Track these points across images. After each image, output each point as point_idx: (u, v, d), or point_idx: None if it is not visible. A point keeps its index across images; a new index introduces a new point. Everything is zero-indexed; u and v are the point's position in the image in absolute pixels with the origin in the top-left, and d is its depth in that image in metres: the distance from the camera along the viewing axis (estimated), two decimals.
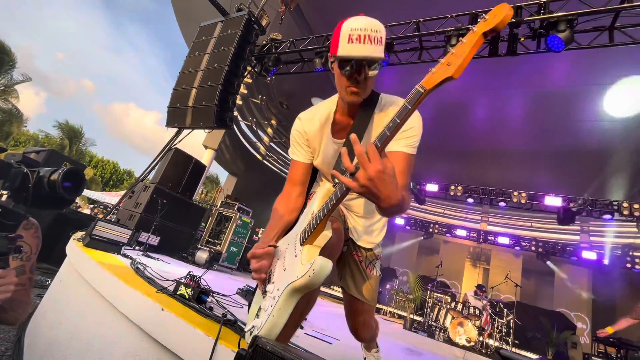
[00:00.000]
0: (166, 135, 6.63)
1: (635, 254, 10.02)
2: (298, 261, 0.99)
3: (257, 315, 1.07)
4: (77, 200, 21.62)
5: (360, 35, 1.03)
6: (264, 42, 6.57)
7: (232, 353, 1.26)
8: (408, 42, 5.21)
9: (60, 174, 2.57)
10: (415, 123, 1.15)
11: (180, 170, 5.83)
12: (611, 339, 7.34)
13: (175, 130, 6.54)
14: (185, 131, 6.45)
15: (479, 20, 0.75)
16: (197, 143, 10.48)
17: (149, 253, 4.13)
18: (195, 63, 6.13)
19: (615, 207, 8.56)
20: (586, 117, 8.07)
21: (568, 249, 11.08)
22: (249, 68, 6.47)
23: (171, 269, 3.58)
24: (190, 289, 1.98)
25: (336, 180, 0.85)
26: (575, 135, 8.72)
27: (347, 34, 1.05)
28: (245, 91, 10.90)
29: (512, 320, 7.00)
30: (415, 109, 0.79)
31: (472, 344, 6.04)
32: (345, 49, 1.05)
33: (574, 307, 10.90)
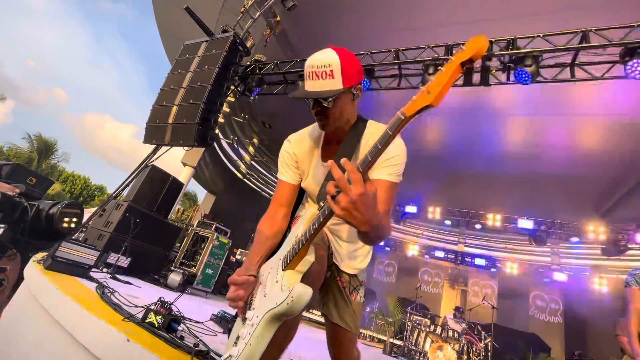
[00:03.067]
0: (142, 150, 6.44)
1: (602, 274, 10.47)
2: (279, 287, 0.97)
3: (235, 344, 1.02)
4: None
5: (308, 73, 1.12)
6: (248, 63, 6.66)
7: None
8: (388, 69, 5.44)
9: (59, 209, 2.49)
10: (399, 151, 1.18)
11: (156, 188, 5.63)
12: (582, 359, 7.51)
13: (152, 146, 6.37)
14: (164, 148, 6.29)
15: (454, 51, 0.79)
16: (176, 160, 10.24)
17: (117, 275, 3.88)
18: (178, 80, 6.09)
19: (582, 230, 9.01)
20: (555, 144, 8.58)
21: (540, 270, 11.44)
22: (232, 87, 6.50)
23: (141, 293, 3.37)
24: (160, 316, 1.86)
25: (321, 204, 0.84)
26: (545, 161, 9.23)
27: (305, 71, 1.14)
28: (228, 109, 10.89)
29: (490, 344, 7.03)
30: (396, 135, 0.80)
31: None
32: (301, 85, 1.14)
33: (547, 330, 11.11)
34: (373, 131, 1.27)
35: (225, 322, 2.76)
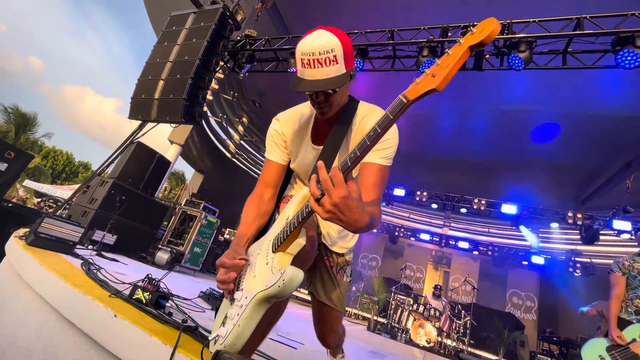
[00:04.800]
0: (127, 125, 6.23)
1: (576, 259, 11.00)
2: (269, 269, 0.96)
3: (223, 324, 1.02)
4: (22, 193, 19.68)
5: (310, 60, 1.01)
6: (239, 38, 6.41)
7: None
8: (382, 49, 5.32)
9: None
10: (392, 134, 1.14)
11: (143, 166, 5.50)
12: (554, 338, 7.98)
13: (137, 122, 6.17)
14: (150, 124, 6.11)
15: (449, 33, 0.76)
16: (162, 137, 10.00)
17: (103, 253, 3.84)
18: (164, 54, 5.83)
19: (561, 216, 9.35)
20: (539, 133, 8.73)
21: (520, 254, 11.92)
22: (221, 63, 6.27)
23: (128, 270, 3.36)
24: (148, 293, 1.85)
25: None
26: (529, 149, 9.42)
27: (299, 58, 1.03)
28: (217, 86, 10.58)
29: (468, 322, 7.37)
30: (397, 119, 0.77)
31: (432, 344, 6.27)
32: (300, 73, 1.05)
33: (521, 312, 11.73)
34: (365, 112, 1.23)
35: (213, 299, 2.79)
